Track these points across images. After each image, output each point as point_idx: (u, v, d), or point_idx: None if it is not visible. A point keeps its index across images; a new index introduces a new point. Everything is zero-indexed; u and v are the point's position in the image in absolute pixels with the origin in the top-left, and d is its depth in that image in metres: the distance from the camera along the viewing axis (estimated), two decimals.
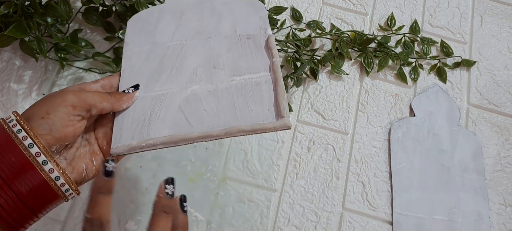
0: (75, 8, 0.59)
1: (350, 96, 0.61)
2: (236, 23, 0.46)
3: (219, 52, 0.44)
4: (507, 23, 0.68)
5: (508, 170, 0.58)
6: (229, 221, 0.52)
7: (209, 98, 0.40)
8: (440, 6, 0.69)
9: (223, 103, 0.40)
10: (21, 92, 0.56)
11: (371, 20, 0.67)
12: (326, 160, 0.56)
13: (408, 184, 0.55)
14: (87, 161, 0.38)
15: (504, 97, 0.62)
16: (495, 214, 0.55)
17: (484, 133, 0.60)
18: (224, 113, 0.39)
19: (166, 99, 0.40)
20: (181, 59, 0.43)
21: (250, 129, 0.37)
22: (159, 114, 0.39)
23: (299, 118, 0.59)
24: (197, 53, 0.44)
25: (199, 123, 0.38)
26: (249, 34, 0.45)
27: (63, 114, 0.34)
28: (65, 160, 0.36)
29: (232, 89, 0.40)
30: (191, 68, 0.43)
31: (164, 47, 0.44)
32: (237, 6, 0.48)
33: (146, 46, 0.45)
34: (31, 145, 0.32)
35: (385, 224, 0.54)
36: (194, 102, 0.40)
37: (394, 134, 0.58)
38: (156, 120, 0.39)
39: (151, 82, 0.42)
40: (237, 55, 0.43)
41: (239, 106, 0.39)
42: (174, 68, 0.43)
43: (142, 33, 0.46)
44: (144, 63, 0.44)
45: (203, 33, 0.46)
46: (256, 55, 0.43)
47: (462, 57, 0.64)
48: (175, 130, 0.38)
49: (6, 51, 0.58)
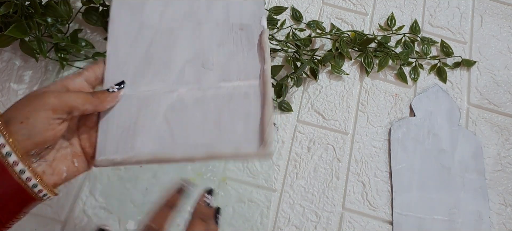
0: (75, 8, 0.59)
1: (350, 96, 0.61)
2: (230, 6, 0.44)
3: (209, 45, 0.42)
4: (507, 23, 0.68)
5: (508, 170, 0.58)
6: (229, 221, 0.52)
7: (195, 108, 0.39)
8: (440, 6, 0.69)
9: (208, 116, 0.39)
10: (21, 92, 0.56)
11: (371, 20, 0.67)
12: (326, 160, 0.56)
13: (408, 184, 0.55)
14: (68, 163, 0.37)
15: (504, 97, 0.62)
16: (495, 214, 0.55)
17: (484, 133, 0.60)
18: (209, 129, 0.38)
19: (152, 104, 0.39)
20: (169, 49, 0.42)
21: (232, 155, 0.37)
22: (144, 123, 0.39)
23: (299, 118, 0.59)
24: (187, 42, 0.42)
25: (183, 137, 0.38)
26: (242, 24, 0.43)
27: (43, 118, 0.33)
28: (45, 162, 0.36)
29: (219, 100, 0.39)
30: (179, 64, 0.41)
31: (152, 31, 0.42)
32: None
33: (132, 26, 0.43)
34: (9, 153, 0.32)
35: (385, 224, 0.54)
36: (180, 111, 0.39)
37: (394, 134, 0.58)
38: (141, 130, 0.38)
39: (137, 77, 0.40)
40: (228, 52, 0.42)
41: (224, 122, 0.38)
42: (161, 61, 0.41)
43: (129, 8, 0.43)
44: (129, 50, 0.42)
45: (194, 16, 0.43)
46: (247, 54, 0.42)
47: (462, 57, 0.64)
48: (159, 144, 0.38)
49: (6, 51, 0.58)
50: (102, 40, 0.60)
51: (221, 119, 0.39)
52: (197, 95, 0.40)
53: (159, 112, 0.39)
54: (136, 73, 0.41)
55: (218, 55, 0.42)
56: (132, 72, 0.41)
